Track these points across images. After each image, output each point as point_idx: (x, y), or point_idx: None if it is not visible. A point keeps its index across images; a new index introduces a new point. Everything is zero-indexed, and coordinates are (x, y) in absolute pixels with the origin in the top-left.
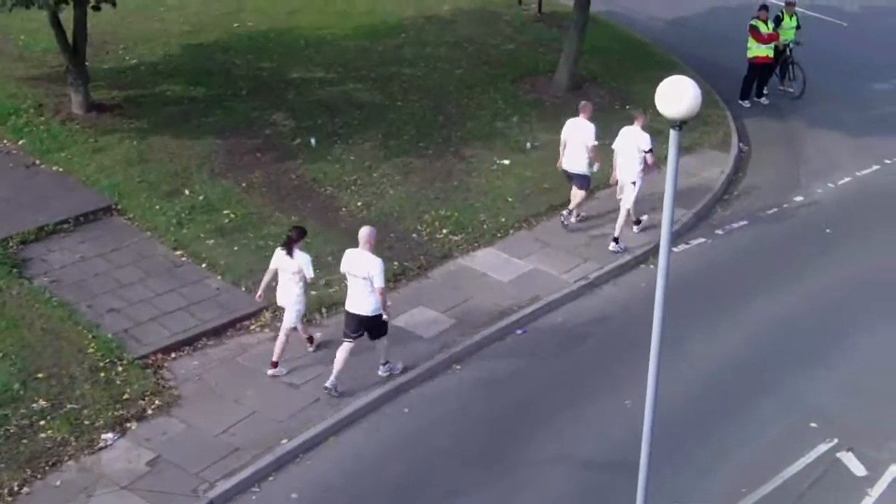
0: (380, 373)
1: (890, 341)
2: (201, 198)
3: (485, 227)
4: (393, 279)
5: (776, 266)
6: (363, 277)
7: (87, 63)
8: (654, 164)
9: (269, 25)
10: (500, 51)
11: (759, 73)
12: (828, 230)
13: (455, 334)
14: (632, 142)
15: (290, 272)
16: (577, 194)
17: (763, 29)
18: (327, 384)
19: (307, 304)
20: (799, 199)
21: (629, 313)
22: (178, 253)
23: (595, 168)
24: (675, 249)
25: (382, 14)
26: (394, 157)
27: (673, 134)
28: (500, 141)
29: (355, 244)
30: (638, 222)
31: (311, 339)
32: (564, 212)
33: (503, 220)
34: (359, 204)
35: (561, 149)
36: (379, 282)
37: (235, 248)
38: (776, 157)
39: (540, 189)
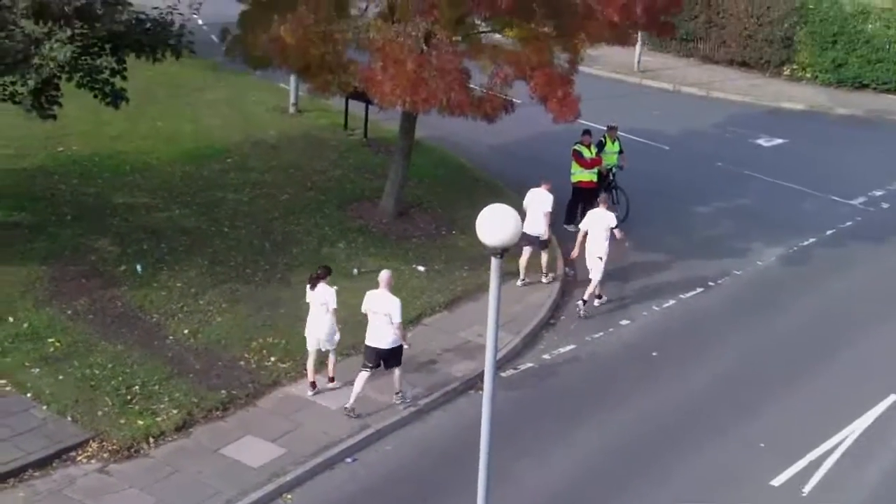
0: (394, 401)
1: (719, 462)
2: (25, 325)
3: None
4: (221, 408)
5: (604, 390)
6: (383, 314)
7: None
8: (623, 237)
9: (93, 150)
10: (327, 176)
11: (583, 197)
12: (654, 353)
13: (284, 463)
14: (599, 223)
15: (317, 304)
16: (543, 255)
17: (586, 154)
18: (347, 405)
19: (337, 332)
20: (625, 322)
21: (456, 440)
22: (2, 382)
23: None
24: (503, 374)
25: (208, 139)
26: (220, 283)
27: (494, 262)
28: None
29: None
30: (600, 297)
31: (331, 380)
32: (544, 280)
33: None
34: (185, 331)
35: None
36: (397, 318)
37: (61, 377)
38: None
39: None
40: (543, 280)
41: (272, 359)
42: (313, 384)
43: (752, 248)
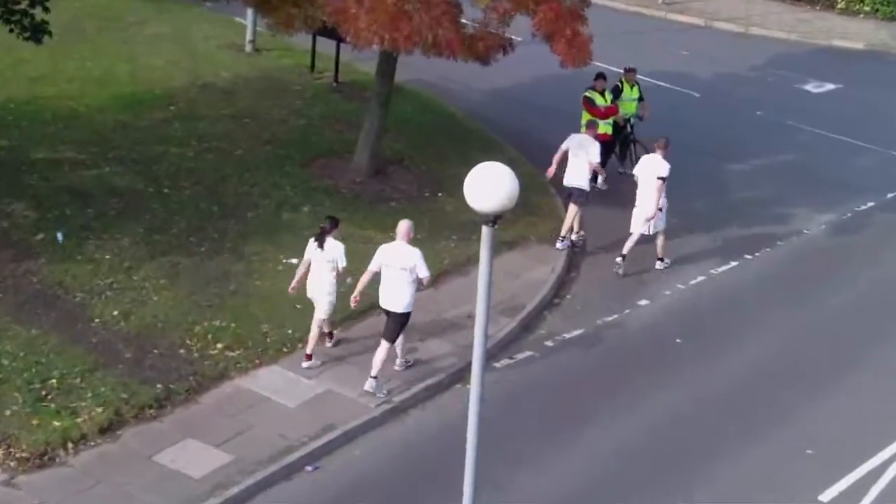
0: (396, 367)
1: (756, 471)
2: None
3: (268, 340)
4: (155, 405)
5: (616, 387)
6: (401, 268)
7: None
8: (660, 190)
9: (8, 94)
10: (289, 127)
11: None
12: (678, 340)
13: (232, 473)
14: (649, 169)
15: (323, 261)
16: (572, 209)
17: (599, 101)
18: (368, 387)
19: (338, 296)
20: (643, 302)
21: (438, 444)
22: None
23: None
24: (496, 365)
25: (147, 82)
26: (159, 255)
27: (486, 231)
28: (287, 236)
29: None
30: (662, 259)
31: (331, 335)
32: (566, 238)
33: (290, 331)
34: (115, 313)
35: (555, 160)
36: (423, 271)
37: None
38: (617, 253)
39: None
40: (558, 245)
41: (218, 346)
42: (309, 356)
43: (796, 213)
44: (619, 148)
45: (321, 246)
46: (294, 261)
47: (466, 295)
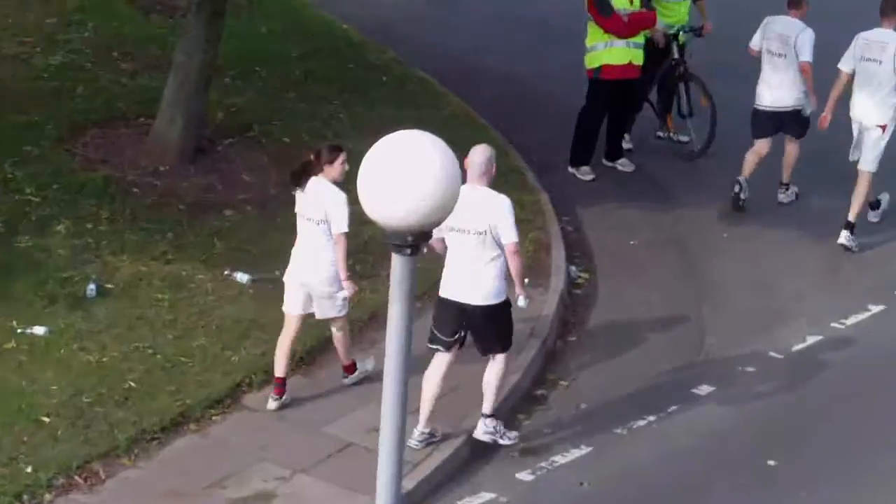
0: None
1: None
2: None
3: None
4: None
5: None
6: (476, 232)
7: None
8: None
9: None
10: (31, 67)
11: (611, 101)
12: (771, 462)
13: None
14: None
15: (310, 220)
16: (792, 149)
17: (620, 3)
18: (414, 441)
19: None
20: (706, 389)
21: None
22: None
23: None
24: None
25: None
26: None
27: (399, 262)
28: (27, 280)
29: None
30: (877, 205)
31: (352, 365)
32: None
33: (31, 469)
34: None
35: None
36: (510, 235)
37: None
38: (651, 293)
39: (118, 392)
40: (782, 197)
41: None
42: (280, 385)
43: None
44: (659, 91)
45: (298, 184)
46: (40, 330)
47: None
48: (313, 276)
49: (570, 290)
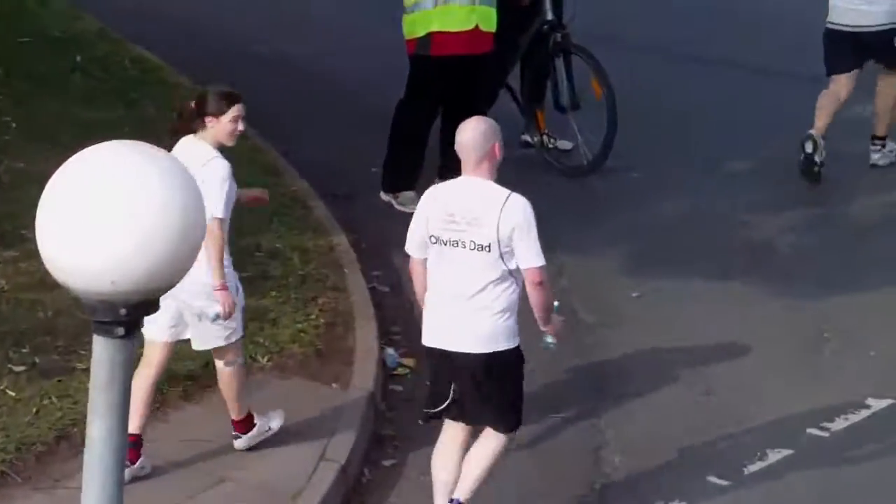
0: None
1: None
2: None
3: None
4: None
5: None
6: (476, 246)
7: None
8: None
9: None
10: None
11: (445, 91)
12: None
13: None
14: None
15: None
16: (887, 89)
17: None
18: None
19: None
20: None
21: None
22: None
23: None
24: None
25: None
26: None
27: (101, 347)
28: None
29: None
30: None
31: (248, 419)
32: (875, 152)
33: None
34: None
35: None
36: (532, 255)
37: None
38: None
39: None
40: (877, 157)
41: None
42: (136, 445)
43: None
44: (524, 72)
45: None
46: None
47: None
48: (189, 284)
49: (387, 386)
